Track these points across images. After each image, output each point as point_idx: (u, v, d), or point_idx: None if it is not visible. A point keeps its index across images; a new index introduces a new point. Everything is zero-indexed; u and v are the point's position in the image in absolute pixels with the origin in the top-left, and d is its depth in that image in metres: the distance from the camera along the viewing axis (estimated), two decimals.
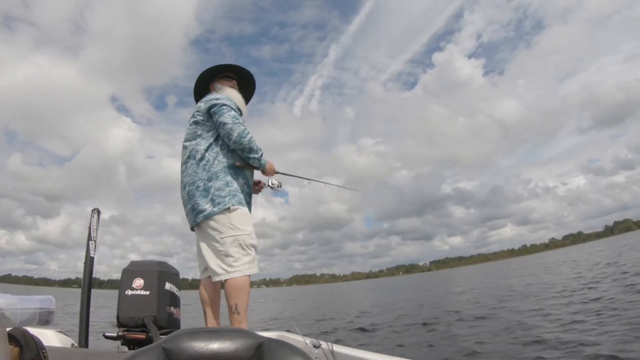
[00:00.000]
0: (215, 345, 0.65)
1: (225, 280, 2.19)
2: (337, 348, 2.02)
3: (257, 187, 2.67)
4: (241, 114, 2.45)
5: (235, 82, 2.65)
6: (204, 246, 2.30)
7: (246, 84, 2.73)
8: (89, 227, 2.83)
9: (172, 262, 2.84)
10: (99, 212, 2.90)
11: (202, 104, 2.40)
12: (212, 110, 2.34)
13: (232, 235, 2.22)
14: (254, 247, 2.29)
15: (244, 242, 2.23)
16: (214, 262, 2.23)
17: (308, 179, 2.86)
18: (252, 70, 2.76)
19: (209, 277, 2.33)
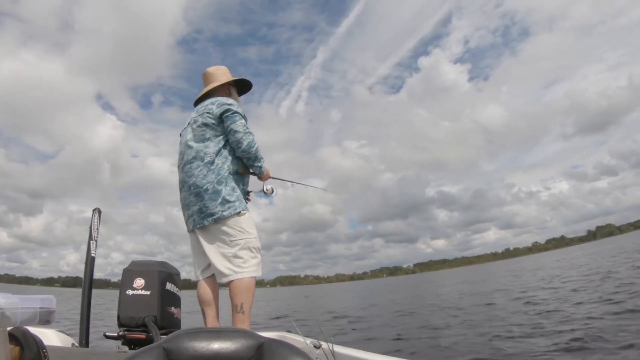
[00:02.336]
0: (215, 346, 0.66)
1: (231, 281, 2.24)
2: (338, 348, 2.04)
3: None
4: (247, 121, 2.48)
5: (236, 90, 2.70)
6: (210, 248, 2.32)
7: (242, 88, 2.78)
8: (90, 227, 2.81)
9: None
10: (99, 212, 2.88)
11: (214, 107, 2.40)
12: (225, 115, 2.37)
13: (243, 239, 2.28)
14: (259, 250, 2.36)
15: (253, 245, 2.31)
16: (221, 264, 2.27)
17: (292, 182, 2.90)
18: (239, 71, 2.85)
19: (209, 277, 2.38)
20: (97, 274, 2.72)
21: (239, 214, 2.30)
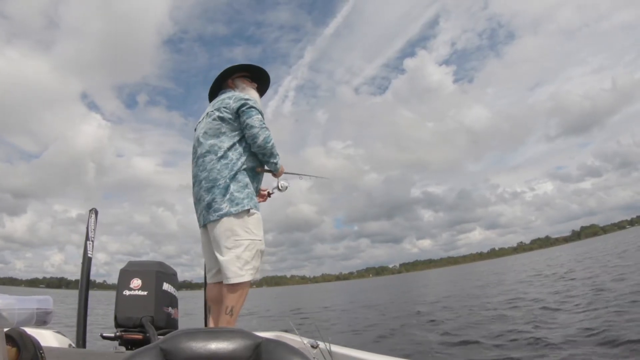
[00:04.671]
0: (213, 346, 0.66)
1: (227, 283, 2.14)
2: (335, 348, 2.05)
3: (262, 196, 2.63)
4: (263, 117, 2.41)
5: (256, 85, 2.60)
6: (216, 246, 2.23)
7: (261, 84, 2.66)
8: (87, 227, 2.75)
9: None
10: (96, 212, 2.82)
11: (231, 101, 2.32)
12: (241, 109, 2.29)
13: (248, 239, 2.18)
14: (263, 253, 2.26)
15: (257, 247, 2.21)
16: (224, 265, 2.16)
17: (301, 175, 2.76)
18: None
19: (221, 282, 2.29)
20: None
21: (247, 212, 2.20)
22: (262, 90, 2.69)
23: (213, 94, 2.60)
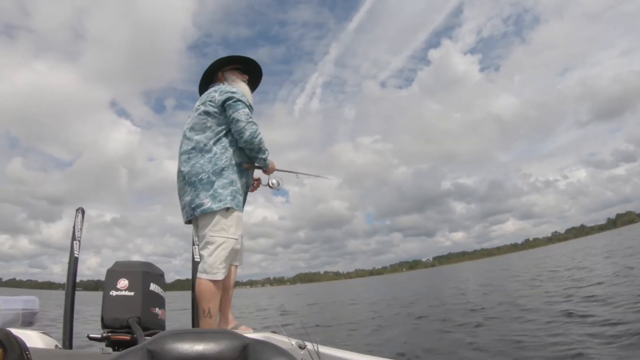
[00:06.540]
0: (200, 347, 0.66)
1: (202, 280, 2.18)
2: (323, 349, 1.97)
3: (254, 185, 2.65)
4: (252, 111, 2.41)
5: (246, 77, 2.58)
6: (200, 242, 2.29)
7: (253, 76, 2.67)
8: (73, 227, 2.77)
9: (175, 263, 2.81)
10: (83, 212, 2.83)
11: (216, 95, 2.32)
12: (227, 103, 2.28)
13: (223, 237, 2.19)
14: (237, 253, 2.31)
15: (232, 247, 2.23)
16: (202, 259, 2.22)
17: (297, 173, 2.75)
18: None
19: None
20: None
21: (227, 210, 2.20)
22: (254, 83, 2.67)
23: (203, 88, 2.58)
